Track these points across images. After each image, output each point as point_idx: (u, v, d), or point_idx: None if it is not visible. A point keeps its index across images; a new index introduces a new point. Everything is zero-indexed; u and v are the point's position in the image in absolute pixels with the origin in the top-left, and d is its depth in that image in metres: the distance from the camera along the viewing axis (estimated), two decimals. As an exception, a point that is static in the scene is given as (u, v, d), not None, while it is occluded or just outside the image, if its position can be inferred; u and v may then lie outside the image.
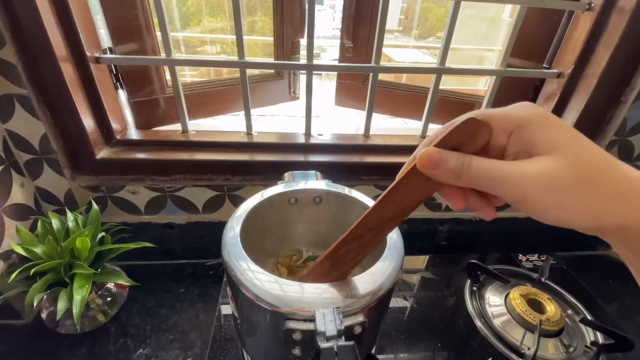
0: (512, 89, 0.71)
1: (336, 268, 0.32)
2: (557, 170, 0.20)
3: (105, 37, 0.59)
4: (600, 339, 0.56)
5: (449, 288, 0.67)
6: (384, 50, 0.63)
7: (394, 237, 0.38)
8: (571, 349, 0.54)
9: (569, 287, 0.66)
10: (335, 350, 0.25)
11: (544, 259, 0.73)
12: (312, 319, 0.28)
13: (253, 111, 0.66)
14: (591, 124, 0.65)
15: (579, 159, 0.20)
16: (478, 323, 0.58)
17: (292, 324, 0.28)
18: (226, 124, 0.74)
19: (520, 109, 0.22)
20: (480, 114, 0.22)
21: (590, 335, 0.57)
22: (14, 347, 0.52)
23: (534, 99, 0.72)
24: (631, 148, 0.68)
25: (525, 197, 0.20)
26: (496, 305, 0.61)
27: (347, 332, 0.28)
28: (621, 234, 0.21)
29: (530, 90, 0.72)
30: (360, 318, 0.29)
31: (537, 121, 0.21)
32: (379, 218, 0.27)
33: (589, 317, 0.59)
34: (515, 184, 0.20)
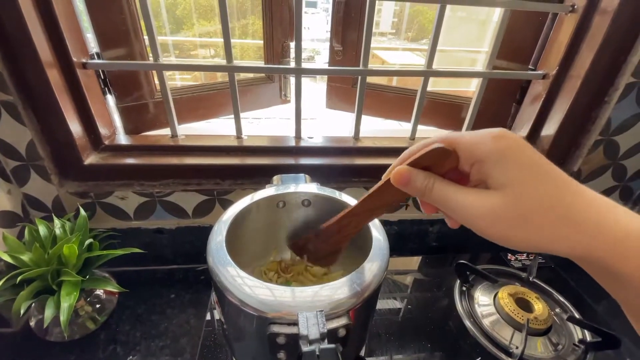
0: (499, 90, 0.71)
1: (340, 232, 0.36)
2: (498, 207, 0.22)
3: (92, 42, 0.59)
4: (588, 336, 0.57)
5: (439, 289, 0.68)
6: (377, 52, 0.65)
7: (380, 239, 0.39)
8: (559, 347, 0.55)
9: (557, 285, 0.66)
10: (317, 353, 0.25)
11: (532, 258, 0.74)
12: (295, 323, 0.28)
13: (248, 114, 0.66)
14: (576, 124, 0.66)
15: (519, 199, 0.21)
16: (467, 323, 0.59)
17: (276, 328, 0.29)
18: (219, 127, 0.74)
19: (483, 141, 0.23)
20: (449, 141, 0.24)
21: (578, 333, 0.58)
22: (3, 356, 0.52)
23: (520, 100, 0.73)
24: (616, 147, 0.69)
25: (472, 225, 0.23)
26: (485, 305, 0.61)
27: (331, 335, 0.28)
28: (582, 263, 0.22)
29: (517, 91, 0.73)
30: (343, 320, 0.29)
31: (495, 158, 0.22)
32: (369, 206, 0.32)
33: (577, 316, 0.60)
34: (465, 213, 0.23)
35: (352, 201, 0.46)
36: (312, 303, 0.30)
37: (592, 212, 0.21)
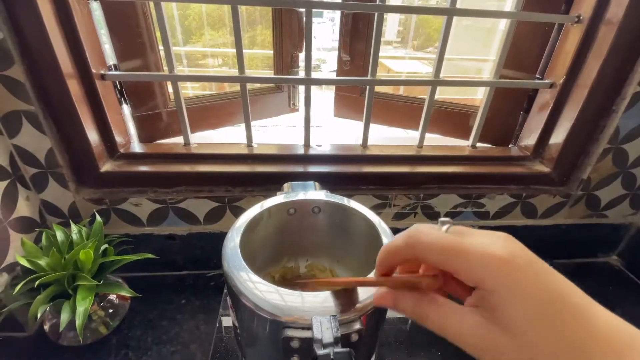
0: (506, 98, 0.72)
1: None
2: (505, 348, 0.20)
3: (109, 53, 0.61)
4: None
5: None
6: (383, 61, 0.66)
7: (391, 246, 0.39)
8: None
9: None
10: (331, 357, 0.26)
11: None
12: (309, 327, 0.29)
13: (255, 122, 0.68)
14: (585, 133, 0.66)
15: (533, 345, 0.19)
16: (478, 332, 0.58)
17: (290, 332, 0.29)
18: (228, 135, 0.76)
19: (491, 266, 0.20)
20: (446, 255, 0.21)
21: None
22: (17, 360, 0.53)
23: (528, 108, 0.73)
24: (625, 155, 0.69)
25: (472, 353, 0.21)
26: (496, 313, 0.61)
27: (344, 340, 0.29)
28: None
29: (524, 99, 0.73)
30: (357, 325, 0.30)
31: (502, 291, 0.20)
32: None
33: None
34: (467, 345, 0.21)
35: (361, 208, 0.46)
36: (326, 308, 0.31)
37: (606, 354, 0.19)
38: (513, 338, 0.20)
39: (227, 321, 0.61)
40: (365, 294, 0.33)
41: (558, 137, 0.68)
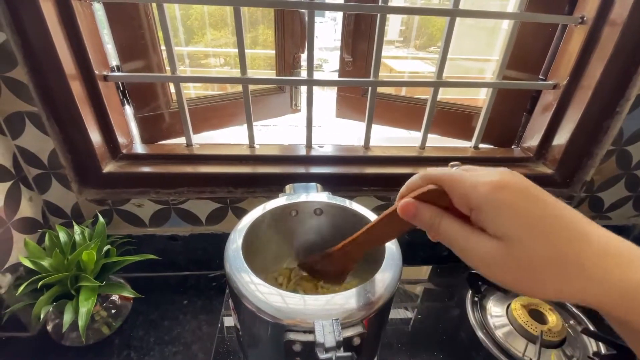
0: (509, 99, 0.72)
1: (345, 256, 0.37)
2: (502, 257, 0.21)
3: (112, 54, 0.61)
4: (603, 349, 0.56)
5: (451, 299, 0.67)
6: (386, 61, 0.66)
7: (393, 249, 0.39)
8: (574, 360, 0.54)
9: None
10: (333, 361, 0.26)
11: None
12: (312, 331, 0.29)
13: (256, 122, 0.68)
14: (588, 134, 0.66)
15: (523, 251, 0.21)
16: (480, 334, 0.58)
17: (292, 336, 0.29)
18: (229, 135, 0.76)
19: (482, 189, 0.22)
20: (448, 180, 0.24)
21: (592, 345, 0.57)
22: (20, 360, 0.53)
23: (531, 109, 0.73)
24: (629, 157, 0.69)
25: (476, 268, 0.23)
26: (498, 315, 0.61)
27: (346, 343, 0.29)
28: (595, 309, 0.21)
29: (527, 100, 0.73)
30: (359, 329, 0.30)
31: (491, 209, 0.22)
32: (370, 238, 0.33)
33: (591, 328, 0.59)
34: (469, 256, 0.23)
35: (363, 210, 0.47)
36: (327, 311, 0.31)
37: (600, 263, 0.20)
38: (505, 247, 0.21)
39: (229, 321, 0.61)
40: (366, 298, 0.33)
41: (561, 138, 0.68)
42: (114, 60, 0.62)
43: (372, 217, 0.45)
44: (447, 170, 0.25)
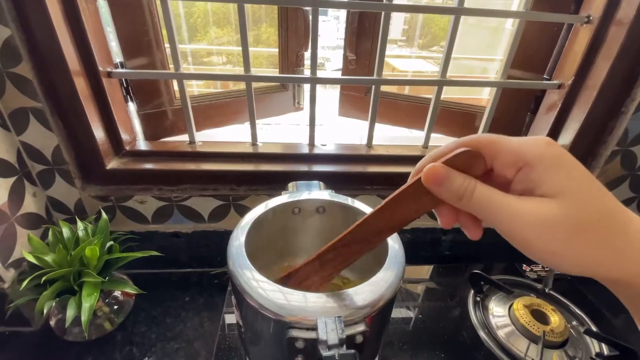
0: (513, 99, 0.72)
1: (322, 269, 0.32)
2: (555, 216, 0.19)
3: (116, 51, 0.61)
4: (605, 350, 0.56)
5: (452, 298, 0.67)
6: (388, 60, 0.65)
7: (396, 247, 0.39)
8: (576, 361, 0.54)
9: (573, 298, 0.65)
10: (336, 358, 0.26)
11: (547, 269, 0.73)
12: (314, 328, 0.29)
13: (258, 120, 0.68)
14: (593, 134, 0.65)
15: (580, 208, 0.19)
16: (482, 334, 0.58)
17: (295, 333, 0.29)
18: (232, 133, 0.76)
19: (534, 145, 0.21)
20: (489, 142, 0.22)
21: (595, 346, 0.57)
22: (23, 355, 0.53)
23: (535, 109, 0.73)
24: (634, 158, 0.68)
25: (519, 236, 0.21)
26: (500, 316, 0.60)
27: (349, 341, 0.28)
28: (616, 286, 0.21)
29: (531, 101, 0.73)
30: (361, 327, 0.30)
31: (548, 162, 0.20)
32: (369, 229, 0.28)
33: (594, 329, 0.59)
34: (512, 221, 0.20)
35: (365, 208, 0.46)
36: (330, 309, 0.31)
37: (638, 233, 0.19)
38: (563, 205, 0.19)
39: (231, 319, 0.61)
40: (369, 296, 0.33)
41: (565, 138, 0.67)
42: (117, 57, 0.62)
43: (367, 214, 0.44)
44: (483, 134, 0.22)
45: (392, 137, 0.85)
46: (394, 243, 0.39)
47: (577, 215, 0.19)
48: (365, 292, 0.33)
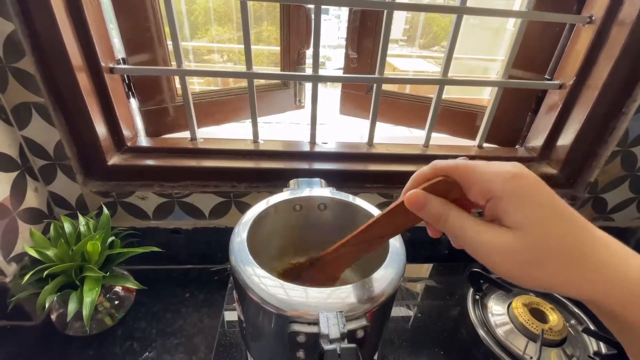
0: (514, 99, 0.72)
1: (334, 264, 0.36)
2: (514, 247, 0.21)
3: (118, 47, 0.61)
4: (604, 349, 0.56)
5: (452, 297, 0.67)
6: (389, 59, 0.65)
7: (397, 245, 0.39)
8: (574, 359, 0.54)
9: (572, 297, 0.66)
10: (338, 352, 0.26)
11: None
12: (316, 322, 0.29)
13: (258, 119, 0.68)
14: (593, 135, 0.66)
15: (537, 240, 0.21)
16: (481, 332, 0.59)
17: (296, 327, 0.29)
18: (232, 132, 0.76)
19: (501, 179, 0.22)
20: (462, 170, 0.24)
21: (593, 345, 0.57)
22: (24, 349, 0.54)
23: (536, 109, 0.73)
24: (634, 159, 0.69)
25: (485, 261, 0.23)
26: (499, 314, 0.61)
27: (350, 336, 0.29)
28: (591, 306, 0.22)
29: (532, 101, 0.73)
30: (362, 322, 0.30)
31: (513, 196, 0.22)
32: (369, 235, 0.32)
33: (592, 327, 0.59)
34: (478, 248, 0.23)
35: (366, 205, 0.47)
36: (331, 304, 0.31)
37: (609, 258, 0.21)
38: (522, 236, 0.21)
39: (230, 316, 0.61)
40: (370, 291, 0.33)
41: (566, 138, 0.67)
42: (120, 54, 0.62)
43: (376, 212, 0.45)
44: (459, 161, 0.25)
45: (391, 137, 0.85)
46: (394, 241, 0.40)
47: (535, 246, 0.21)
48: (367, 288, 0.33)
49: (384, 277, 0.35)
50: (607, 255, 0.21)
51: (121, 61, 0.62)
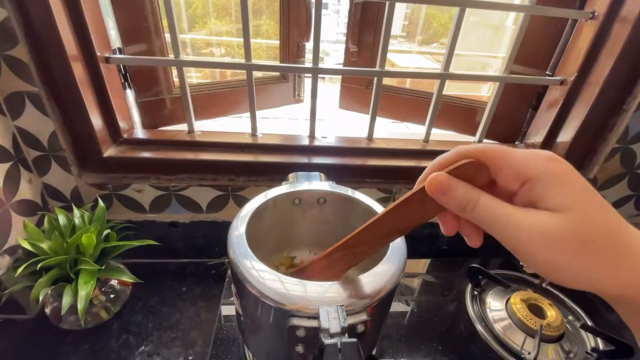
0: (515, 95, 0.71)
1: (330, 268, 0.34)
2: (558, 231, 0.19)
3: (115, 38, 0.60)
4: (601, 345, 0.56)
5: (450, 292, 0.67)
6: (388, 55, 0.64)
7: (397, 240, 0.39)
8: (571, 355, 0.54)
9: (569, 293, 0.66)
10: (339, 347, 0.25)
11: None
12: (316, 316, 0.28)
13: (257, 113, 0.67)
14: (594, 131, 0.65)
15: (583, 223, 0.19)
16: (479, 327, 0.59)
17: (296, 321, 0.29)
18: (229, 126, 0.75)
19: (538, 160, 0.21)
20: (493, 154, 0.22)
21: (590, 341, 0.57)
22: (18, 342, 0.53)
23: (537, 105, 0.73)
24: (633, 156, 0.69)
25: (522, 248, 0.21)
26: (497, 309, 0.61)
27: (350, 330, 0.28)
28: (618, 301, 0.21)
29: (533, 97, 0.73)
30: (363, 317, 0.30)
31: (552, 178, 0.20)
32: (375, 233, 0.29)
33: (590, 323, 0.60)
34: (517, 233, 0.21)
35: (366, 199, 0.46)
36: (331, 298, 0.31)
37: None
38: (566, 219, 0.19)
39: (228, 310, 0.61)
40: (371, 286, 0.32)
41: (566, 135, 0.67)
42: (116, 43, 0.60)
43: (376, 206, 0.44)
44: (487, 144, 0.22)
45: (392, 134, 0.84)
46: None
47: (580, 231, 0.19)
48: (367, 282, 0.33)
49: (384, 272, 0.35)
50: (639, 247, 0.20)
51: (117, 51, 0.60)
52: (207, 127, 0.71)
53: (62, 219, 0.54)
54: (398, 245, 0.38)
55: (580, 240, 0.19)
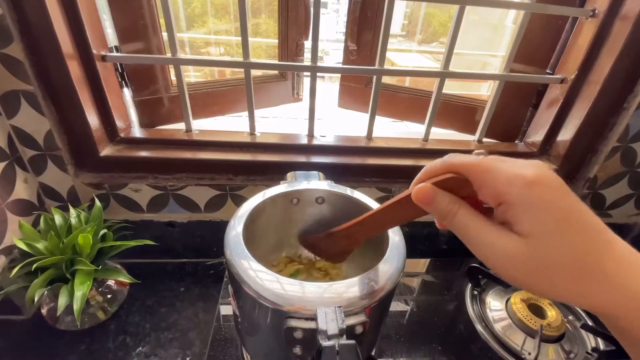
0: (515, 93, 0.71)
1: (349, 237, 0.37)
2: (522, 256, 0.21)
3: (111, 36, 0.59)
4: (602, 345, 0.56)
5: (449, 292, 0.67)
6: (388, 54, 0.64)
7: (396, 240, 0.38)
8: (572, 355, 0.54)
9: (570, 293, 0.65)
10: (336, 348, 0.25)
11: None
12: (313, 318, 0.28)
13: (255, 112, 0.67)
14: (594, 130, 0.65)
15: (547, 250, 0.20)
16: (479, 327, 0.58)
17: (293, 322, 0.28)
18: (228, 125, 0.75)
19: (518, 184, 0.21)
20: (478, 169, 0.22)
21: (591, 341, 0.57)
22: (14, 343, 0.52)
23: (536, 104, 0.72)
24: (634, 154, 0.68)
25: (491, 265, 0.22)
26: (497, 309, 0.60)
27: (349, 332, 0.28)
28: (605, 319, 0.22)
29: (533, 95, 0.72)
30: (361, 318, 0.29)
31: (525, 207, 0.21)
32: (373, 222, 0.32)
33: (590, 323, 0.59)
34: (486, 250, 0.22)
35: (365, 199, 0.46)
36: (329, 299, 0.30)
37: (620, 270, 0.20)
38: (530, 246, 0.20)
39: (226, 310, 0.60)
40: (369, 287, 0.32)
41: (566, 134, 0.67)
42: (112, 42, 0.60)
43: (375, 206, 0.44)
44: (475, 159, 0.23)
45: (390, 132, 0.84)
46: (394, 235, 0.39)
47: (543, 258, 0.20)
48: (366, 283, 0.32)
49: (383, 272, 0.34)
50: (623, 269, 0.20)
51: (114, 49, 0.60)
52: (205, 126, 0.70)
53: (58, 218, 0.54)
54: (397, 245, 0.38)
55: (543, 267, 0.20)
